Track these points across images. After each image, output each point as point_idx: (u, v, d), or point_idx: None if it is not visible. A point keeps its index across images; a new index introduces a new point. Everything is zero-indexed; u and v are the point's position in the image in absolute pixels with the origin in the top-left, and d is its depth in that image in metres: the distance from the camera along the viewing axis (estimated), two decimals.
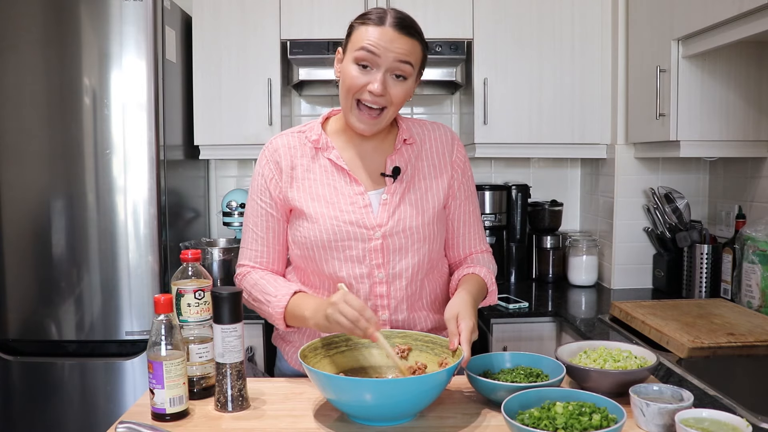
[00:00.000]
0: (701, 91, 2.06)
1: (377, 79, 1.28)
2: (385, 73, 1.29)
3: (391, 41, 1.27)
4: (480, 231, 1.51)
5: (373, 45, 1.27)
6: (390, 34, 1.27)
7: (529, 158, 2.94)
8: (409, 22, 1.31)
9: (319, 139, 1.38)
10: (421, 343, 1.28)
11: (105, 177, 2.19)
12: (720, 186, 2.46)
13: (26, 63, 2.18)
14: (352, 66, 1.30)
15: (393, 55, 1.27)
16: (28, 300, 2.23)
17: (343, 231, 1.33)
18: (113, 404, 2.23)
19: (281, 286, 1.36)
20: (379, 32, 1.27)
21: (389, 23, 1.28)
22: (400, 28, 1.28)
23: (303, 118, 2.97)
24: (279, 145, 1.40)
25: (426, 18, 2.47)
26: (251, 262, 1.43)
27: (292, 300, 1.32)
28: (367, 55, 1.27)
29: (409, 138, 1.41)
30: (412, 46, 1.30)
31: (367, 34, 1.28)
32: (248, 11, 2.52)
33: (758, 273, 1.97)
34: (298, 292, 1.35)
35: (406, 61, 1.29)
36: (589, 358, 1.26)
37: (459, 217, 1.46)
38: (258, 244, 1.42)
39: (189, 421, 1.14)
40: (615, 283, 2.55)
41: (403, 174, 1.38)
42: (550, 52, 2.53)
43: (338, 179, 1.36)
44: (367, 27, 1.29)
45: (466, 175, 1.47)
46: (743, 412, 1.21)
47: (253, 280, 1.40)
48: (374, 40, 1.27)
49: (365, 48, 1.27)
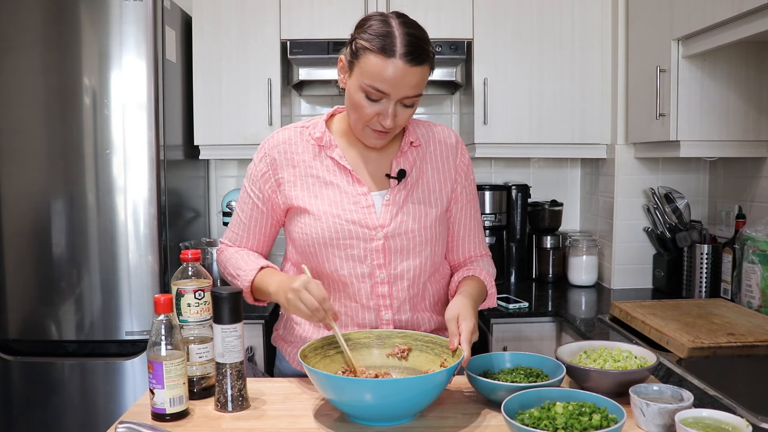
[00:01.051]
0: (701, 91, 2.06)
1: (388, 113, 1.25)
2: (396, 104, 1.26)
3: (403, 77, 1.21)
4: (480, 235, 1.51)
5: (382, 83, 1.22)
6: (401, 70, 1.21)
7: (529, 158, 2.94)
8: (421, 45, 1.23)
9: (322, 137, 1.37)
10: (422, 343, 1.28)
11: (105, 177, 2.19)
12: (720, 186, 2.46)
13: (26, 63, 2.18)
14: (360, 94, 1.25)
15: (404, 91, 1.23)
16: (28, 300, 2.23)
17: (345, 229, 1.33)
18: (113, 404, 2.23)
19: (251, 261, 1.39)
20: (390, 68, 1.20)
21: (400, 54, 1.20)
22: (412, 59, 1.21)
23: (303, 118, 2.97)
24: (280, 140, 1.39)
25: (426, 18, 2.47)
26: (229, 242, 1.48)
27: (259, 274, 1.35)
28: (374, 92, 1.23)
29: (416, 140, 1.40)
30: (422, 75, 1.24)
31: (377, 68, 1.21)
32: (248, 11, 2.52)
33: (758, 273, 1.97)
34: (266, 267, 1.37)
35: (415, 94, 1.25)
36: (589, 358, 1.26)
37: (460, 220, 1.46)
38: (240, 228, 1.45)
39: (189, 421, 1.14)
40: (615, 283, 2.55)
41: (408, 176, 1.38)
42: (550, 52, 2.53)
43: (341, 178, 1.36)
44: (377, 59, 1.21)
45: (469, 179, 1.46)
46: (743, 412, 1.21)
47: (227, 255, 1.44)
48: (384, 77, 1.21)
49: (374, 87, 1.22)
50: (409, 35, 1.22)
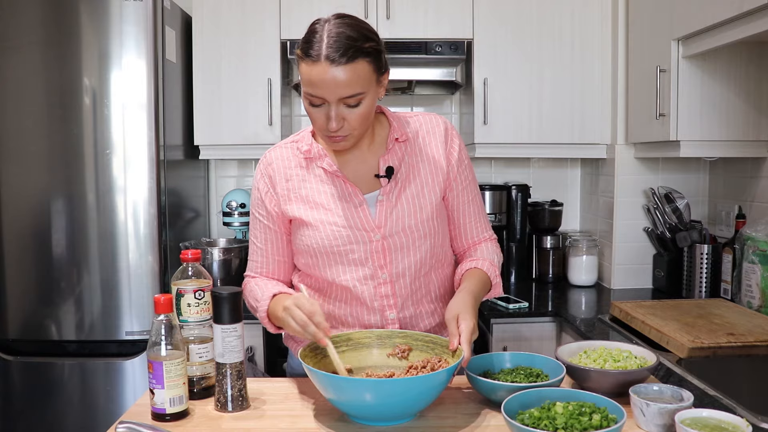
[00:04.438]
0: (701, 91, 2.06)
1: (330, 115, 1.23)
2: (337, 106, 1.23)
3: (332, 78, 1.18)
4: (483, 219, 1.49)
5: (314, 88, 1.20)
6: (327, 71, 1.18)
7: (529, 158, 2.94)
8: (349, 42, 1.19)
9: (310, 149, 1.37)
10: (422, 343, 1.28)
11: (105, 177, 2.19)
12: (720, 186, 2.46)
13: (26, 63, 2.18)
14: (306, 101, 1.25)
15: (338, 91, 1.20)
16: (28, 300, 2.23)
17: (344, 236, 1.33)
18: (113, 404, 2.23)
19: (267, 290, 1.36)
20: (317, 71, 1.18)
21: (323, 56, 1.17)
22: (336, 58, 1.17)
23: (303, 118, 2.97)
24: (273, 159, 1.40)
25: (426, 18, 2.47)
26: (252, 272, 1.46)
27: (272, 302, 1.33)
28: (312, 98, 1.23)
29: (401, 136, 1.38)
30: (353, 73, 1.19)
31: (306, 73, 1.21)
32: (248, 11, 2.52)
33: (758, 273, 1.97)
34: (278, 294, 1.34)
35: (351, 94, 1.21)
36: (589, 358, 1.26)
37: (458, 207, 1.45)
38: (258, 255, 1.44)
39: (189, 421, 1.14)
40: (615, 283, 2.55)
41: (397, 173, 1.37)
42: (550, 52, 2.53)
43: (333, 186, 1.36)
44: (304, 64, 1.20)
45: (463, 164, 1.43)
46: (743, 412, 1.21)
47: (249, 288, 1.42)
48: (314, 80, 1.19)
49: (309, 93, 1.22)
50: (337, 35, 1.19)
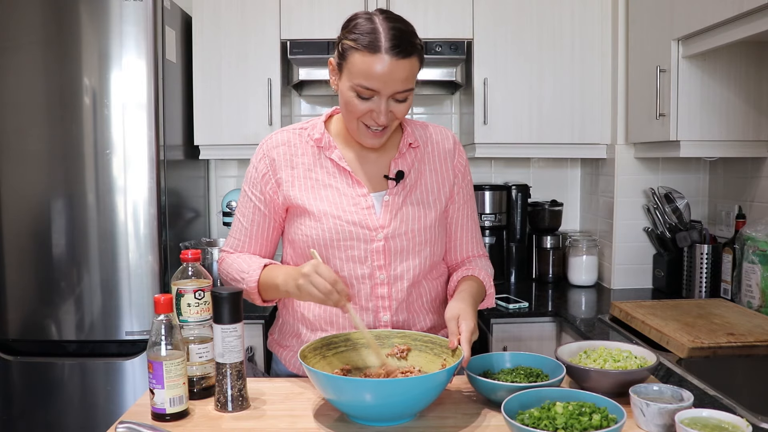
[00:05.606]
0: (701, 91, 2.06)
1: (380, 109, 1.24)
2: (387, 100, 1.24)
3: (391, 72, 1.20)
4: (477, 235, 1.51)
5: (370, 81, 1.21)
6: (388, 65, 1.19)
7: (529, 158, 2.94)
8: (406, 37, 1.22)
9: (321, 138, 1.37)
10: (421, 343, 1.28)
11: (105, 177, 2.19)
12: (720, 186, 2.46)
13: (26, 63, 2.18)
14: (351, 93, 1.25)
15: (394, 86, 1.22)
16: (28, 300, 2.23)
17: (346, 231, 1.33)
18: (113, 404, 2.23)
19: (254, 261, 1.36)
20: (376, 63, 1.19)
21: (385, 49, 1.19)
22: (398, 53, 1.19)
23: (303, 118, 2.97)
24: (279, 142, 1.39)
25: (426, 18, 2.47)
26: (231, 249, 1.44)
27: (264, 271, 1.33)
28: (363, 90, 1.23)
29: (414, 142, 1.40)
30: (411, 67, 1.23)
31: (365, 66, 1.20)
32: (248, 11, 2.52)
33: (758, 273, 1.97)
34: (268, 264, 1.35)
35: (405, 89, 1.23)
36: (589, 358, 1.26)
37: (458, 221, 1.46)
38: (242, 234, 1.42)
39: (189, 421, 1.14)
40: (615, 283, 2.55)
41: (407, 177, 1.38)
42: (550, 52, 2.53)
43: (340, 180, 1.36)
44: (362, 56, 1.20)
45: (466, 180, 1.47)
46: (743, 412, 1.21)
47: (229, 262, 1.41)
48: (372, 74, 1.20)
49: (364, 85, 1.22)
50: (393, 29, 1.21)
